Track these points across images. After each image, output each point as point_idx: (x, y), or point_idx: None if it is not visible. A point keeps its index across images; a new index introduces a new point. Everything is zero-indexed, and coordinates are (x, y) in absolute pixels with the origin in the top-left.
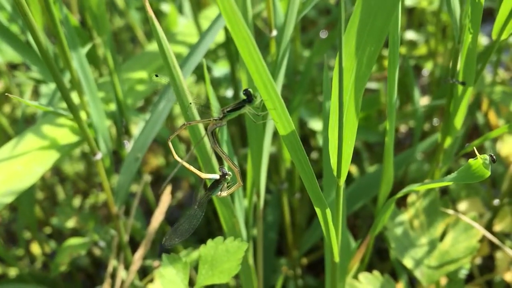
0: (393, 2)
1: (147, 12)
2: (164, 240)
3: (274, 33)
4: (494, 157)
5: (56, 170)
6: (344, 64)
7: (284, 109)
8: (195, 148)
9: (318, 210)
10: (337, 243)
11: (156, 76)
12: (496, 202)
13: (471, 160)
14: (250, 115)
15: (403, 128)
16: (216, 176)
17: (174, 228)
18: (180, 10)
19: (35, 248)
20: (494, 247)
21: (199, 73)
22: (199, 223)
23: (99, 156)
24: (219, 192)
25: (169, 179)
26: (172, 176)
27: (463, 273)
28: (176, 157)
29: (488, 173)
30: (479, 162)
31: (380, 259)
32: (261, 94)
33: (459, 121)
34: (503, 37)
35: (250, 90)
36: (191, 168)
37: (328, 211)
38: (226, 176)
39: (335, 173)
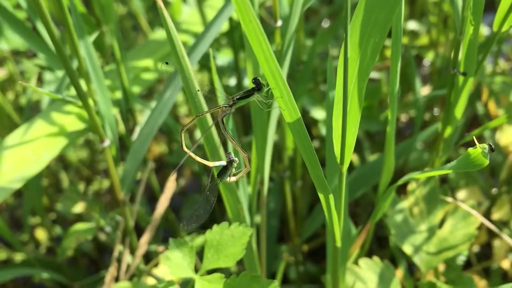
0: None
1: (156, 0)
2: (182, 225)
3: (279, 23)
4: (492, 146)
5: (60, 157)
6: (349, 54)
7: (291, 98)
8: (203, 137)
9: (321, 196)
10: (339, 228)
11: (167, 63)
12: (494, 190)
13: (470, 149)
14: (258, 103)
15: (403, 118)
16: (223, 163)
17: (190, 214)
18: None
19: (40, 234)
20: (492, 235)
21: (202, 62)
22: (213, 207)
23: (106, 143)
24: (228, 178)
25: (177, 168)
26: (178, 165)
27: (461, 260)
28: (184, 148)
29: (486, 161)
30: (478, 151)
31: (380, 246)
32: (269, 82)
33: (459, 111)
34: (504, 29)
35: (259, 78)
36: (198, 158)
37: (331, 196)
38: (233, 162)
39: (338, 160)
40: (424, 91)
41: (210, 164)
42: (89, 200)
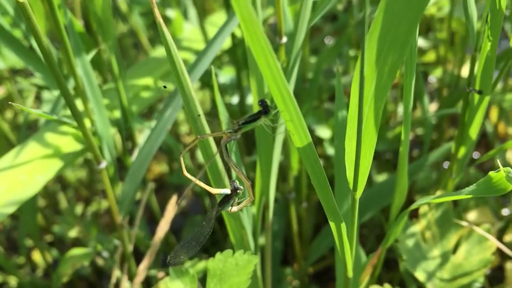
0: (419, 6)
1: (155, 17)
2: (169, 257)
3: (284, 39)
4: None
5: (58, 177)
6: (365, 72)
7: (301, 121)
8: (207, 166)
9: (332, 225)
10: (351, 258)
11: (165, 87)
12: (505, 211)
13: (491, 173)
14: (266, 128)
15: (410, 136)
16: (227, 191)
17: (180, 245)
18: (185, 16)
19: (37, 256)
20: (504, 257)
21: (203, 80)
22: (206, 240)
23: (103, 164)
24: (230, 208)
25: (181, 199)
26: (182, 197)
27: (476, 287)
28: (185, 173)
29: (510, 186)
30: (502, 174)
31: (388, 269)
32: (277, 104)
33: (474, 131)
34: None
35: (267, 100)
36: (202, 184)
37: (343, 225)
38: (238, 191)
39: (351, 186)
40: (431, 108)
41: (214, 191)
42: (87, 222)
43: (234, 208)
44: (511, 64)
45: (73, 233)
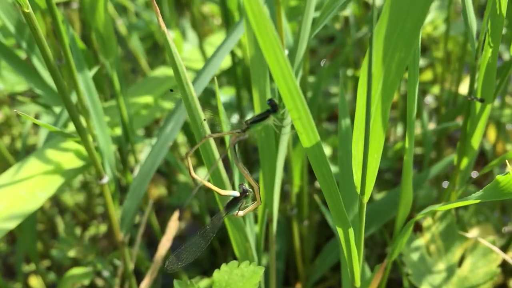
0: (425, 1)
1: (159, 26)
2: (168, 263)
3: (285, 52)
4: None
5: (56, 201)
6: (372, 71)
7: (309, 119)
8: (212, 171)
9: (339, 230)
10: (359, 266)
11: (171, 90)
12: (506, 229)
13: (499, 176)
14: (274, 126)
15: None
16: (236, 193)
17: (180, 250)
18: (184, 37)
19: (34, 282)
20: (507, 275)
21: (203, 99)
22: (206, 246)
23: (105, 179)
24: (236, 212)
25: (190, 199)
26: (193, 193)
27: None
28: (193, 174)
29: None
30: (510, 177)
31: None
32: (285, 102)
33: (476, 140)
34: None
35: (274, 99)
36: (211, 185)
37: (351, 230)
38: (247, 193)
39: (358, 190)
40: (429, 127)
41: (222, 192)
42: (86, 245)
43: (241, 212)
44: (507, 81)
45: (72, 253)
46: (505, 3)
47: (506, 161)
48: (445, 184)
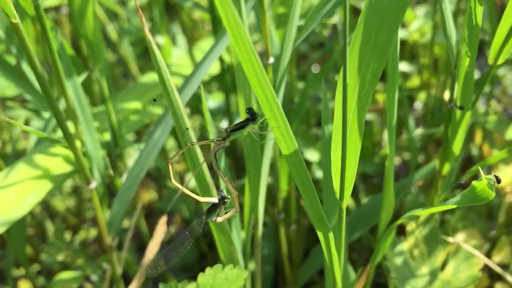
0: (397, 16)
1: (145, 36)
2: (148, 267)
3: (271, 60)
4: (499, 177)
5: (46, 205)
6: (348, 81)
7: (287, 127)
8: (194, 175)
9: (320, 234)
10: (340, 269)
11: (154, 100)
12: (493, 233)
13: (474, 182)
14: (254, 135)
15: (396, 161)
16: (215, 200)
17: (160, 255)
18: (174, 42)
19: (23, 286)
20: (493, 279)
21: (192, 104)
22: (186, 251)
23: (93, 185)
24: (215, 217)
25: (170, 205)
26: (172, 202)
27: None
28: (173, 181)
29: (493, 194)
30: (484, 183)
31: None
32: (264, 111)
33: (457, 146)
34: (500, 61)
35: (253, 108)
36: (189, 192)
37: (331, 234)
38: (225, 200)
39: (337, 195)
40: (417, 133)
41: (201, 199)
42: (75, 249)
43: (219, 219)
44: (492, 88)
45: (61, 256)
46: (480, 14)
47: (480, 168)
48: None
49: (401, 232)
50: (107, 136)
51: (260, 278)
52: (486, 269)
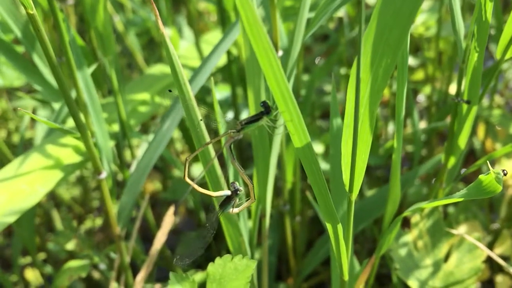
0: (411, 11)
1: (158, 28)
2: (175, 259)
3: (280, 53)
4: (505, 171)
5: (52, 194)
6: (361, 76)
7: (301, 121)
8: (206, 168)
9: (329, 226)
10: (347, 260)
11: (170, 91)
12: (495, 226)
13: (482, 176)
14: (267, 127)
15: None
16: (228, 192)
17: (185, 249)
18: (180, 34)
19: (30, 274)
20: (494, 271)
21: (200, 96)
22: (210, 240)
23: (103, 175)
24: (231, 209)
25: (180, 202)
26: (184, 196)
27: None
28: (187, 179)
29: (500, 187)
30: (491, 176)
31: (380, 284)
32: (278, 105)
33: (463, 140)
34: (508, 55)
35: (268, 101)
36: (201, 189)
37: (339, 226)
38: (238, 192)
39: (347, 188)
40: (421, 126)
41: (214, 194)
42: (82, 238)
43: (236, 210)
44: (496, 82)
45: (70, 245)
46: (490, 10)
47: (487, 162)
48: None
49: (405, 223)
50: (115, 127)
51: (268, 266)
52: (488, 261)
